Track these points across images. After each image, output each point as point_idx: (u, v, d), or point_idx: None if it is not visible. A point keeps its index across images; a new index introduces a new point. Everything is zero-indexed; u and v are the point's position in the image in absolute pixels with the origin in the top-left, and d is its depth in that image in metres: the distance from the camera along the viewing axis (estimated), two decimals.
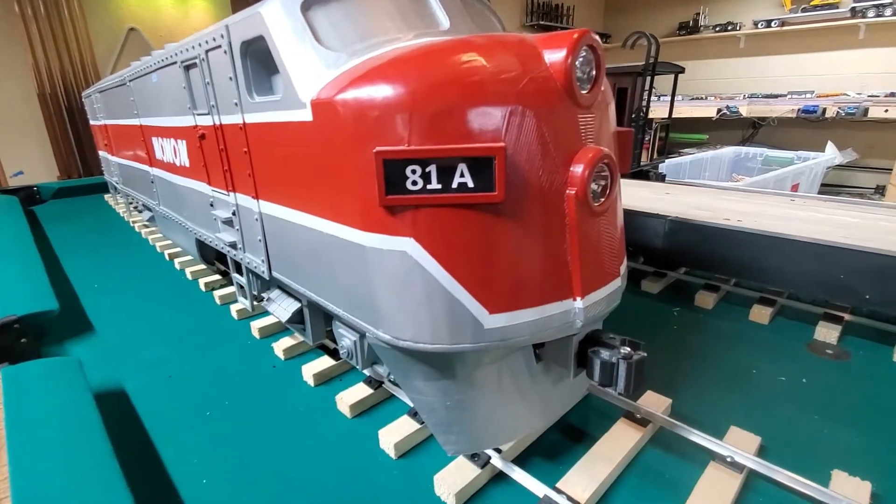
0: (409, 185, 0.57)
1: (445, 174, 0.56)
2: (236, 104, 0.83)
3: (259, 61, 0.80)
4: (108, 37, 5.06)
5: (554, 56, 0.59)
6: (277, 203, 0.81)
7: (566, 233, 0.62)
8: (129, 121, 1.65)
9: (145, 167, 1.62)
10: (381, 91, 0.57)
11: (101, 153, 2.55)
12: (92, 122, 2.57)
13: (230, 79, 0.82)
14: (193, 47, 0.93)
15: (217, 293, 1.49)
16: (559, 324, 0.64)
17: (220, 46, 0.83)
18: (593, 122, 0.64)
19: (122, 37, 5.19)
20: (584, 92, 0.61)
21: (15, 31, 4.38)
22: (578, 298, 0.64)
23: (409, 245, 0.59)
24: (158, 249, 1.98)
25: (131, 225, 2.41)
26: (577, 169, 0.61)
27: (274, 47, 0.69)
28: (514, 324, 0.61)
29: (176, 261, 1.80)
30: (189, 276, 1.68)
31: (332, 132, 0.62)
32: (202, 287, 1.59)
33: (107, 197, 3.17)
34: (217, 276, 1.63)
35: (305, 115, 0.65)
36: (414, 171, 0.56)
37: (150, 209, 2.02)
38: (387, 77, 0.58)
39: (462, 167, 0.56)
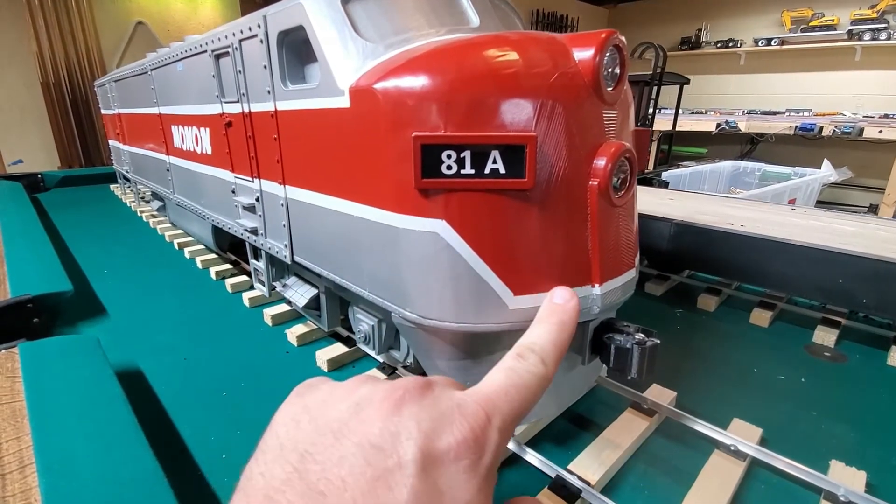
0: (443, 170, 0.60)
1: (479, 160, 0.59)
2: (269, 92, 0.86)
3: (293, 51, 0.83)
4: (116, 29, 5.09)
5: (582, 54, 0.63)
6: (305, 188, 0.84)
7: (587, 222, 0.66)
8: (146, 109, 1.67)
9: (161, 155, 1.65)
10: (420, 80, 0.60)
11: (112, 142, 2.57)
12: (104, 112, 2.58)
13: (264, 67, 0.85)
14: (227, 36, 0.96)
15: (229, 282, 1.51)
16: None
17: (255, 36, 0.86)
18: (616, 118, 0.68)
19: (129, 30, 5.23)
20: (609, 89, 0.65)
21: (19, 18, 4.41)
22: (597, 285, 0.67)
23: (440, 227, 0.62)
24: (168, 239, 2.00)
25: (139, 215, 2.43)
26: (601, 162, 0.64)
27: (314, 37, 0.72)
28: (536, 306, 0.63)
29: (186, 250, 1.82)
30: (200, 265, 1.70)
31: (370, 119, 0.65)
32: (213, 276, 1.61)
33: (113, 187, 3.18)
34: (228, 265, 1.65)
35: (343, 102, 0.69)
36: (449, 156, 0.59)
37: (162, 198, 2.04)
38: (425, 67, 0.61)
39: (495, 154, 0.59)
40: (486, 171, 0.59)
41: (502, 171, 0.59)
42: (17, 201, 2.34)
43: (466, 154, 0.59)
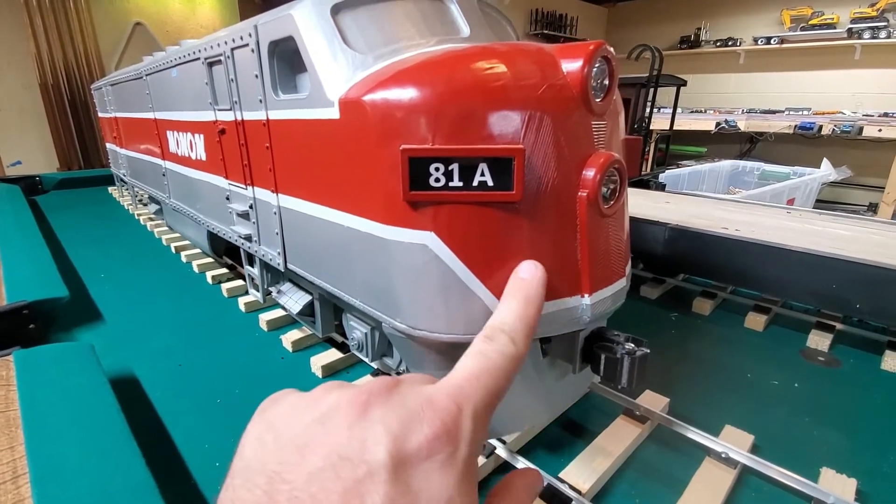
0: (431, 182, 0.60)
1: (467, 172, 0.59)
2: (260, 101, 0.86)
3: (285, 60, 0.83)
4: (114, 30, 5.09)
5: (571, 65, 0.63)
6: (297, 197, 0.84)
7: (577, 232, 0.66)
8: (142, 114, 1.68)
9: (157, 160, 1.65)
10: (409, 92, 0.60)
11: (109, 145, 2.57)
12: (101, 115, 2.59)
13: (255, 76, 0.86)
14: (219, 44, 0.96)
15: (225, 286, 1.51)
16: (568, 318, 0.67)
17: (247, 45, 0.86)
18: (605, 128, 0.68)
19: (127, 31, 5.23)
20: (597, 100, 0.65)
21: (17, 20, 4.41)
22: (586, 295, 0.67)
23: (429, 239, 0.62)
24: (164, 242, 2.00)
25: (136, 218, 2.43)
26: (589, 173, 0.64)
27: (304, 48, 0.72)
28: None
29: (183, 254, 1.83)
30: (196, 269, 1.70)
31: (359, 130, 0.65)
32: (209, 280, 1.61)
33: (111, 189, 3.18)
34: (224, 270, 1.65)
35: (333, 113, 0.69)
36: (437, 169, 0.59)
37: (158, 202, 2.04)
38: (414, 79, 0.61)
39: (483, 166, 0.59)
40: (475, 183, 0.60)
41: (490, 183, 0.59)
42: (15, 205, 2.35)
43: (454, 167, 0.59)
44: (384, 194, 0.64)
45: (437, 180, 0.60)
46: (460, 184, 0.60)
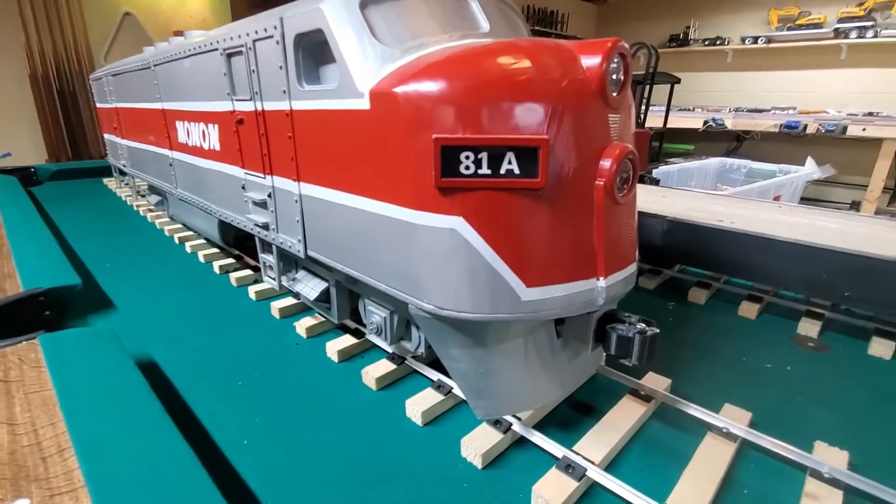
0: (462, 170, 0.64)
1: (495, 161, 0.63)
2: (284, 92, 0.89)
3: (308, 52, 0.86)
4: (103, 21, 5.01)
5: (590, 61, 0.67)
6: (321, 185, 0.88)
7: (594, 219, 0.70)
8: (148, 104, 1.68)
9: (164, 150, 1.66)
10: (439, 85, 0.64)
11: (108, 136, 2.56)
12: (99, 105, 2.57)
13: (280, 68, 0.88)
14: (240, 36, 0.98)
15: (234, 275, 1.54)
16: (584, 300, 0.71)
17: (271, 37, 0.89)
18: (619, 121, 0.72)
19: (117, 21, 5.15)
20: (614, 94, 0.69)
21: (9, 10, 4.33)
22: (602, 278, 0.72)
23: (458, 223, 0.66)
24: (167, 233, 2.01)
25: (136, 209, 2.43)
26: (606, 163, 0.69)
27: (333, 41, 0.75)
28: (546, 297, 0.69)
29: (187, 244, 1.84)
30: (202, 259, 1.72)
31: (391, 120, 0.69)
32: (216, 270, 1.63)
33: (106, 180, 3.16)
34: (231, 259, 1.67)
35: (363, 104, 0.72)
36: (467, 157, 0.63)
37: (162, 192, 2.05)
38: (444, 73, 0.65)
39: (510, 155, 0.63)
40: (502, 171, 0.64)
41: (517, 171, 0.64)
42: (15, 195, 2.33)
43: (483, 155, 0.63)
44: (414, 181, 0.68)
45: (467, 168, 0.64)
46: (489, 171, 0.64)
